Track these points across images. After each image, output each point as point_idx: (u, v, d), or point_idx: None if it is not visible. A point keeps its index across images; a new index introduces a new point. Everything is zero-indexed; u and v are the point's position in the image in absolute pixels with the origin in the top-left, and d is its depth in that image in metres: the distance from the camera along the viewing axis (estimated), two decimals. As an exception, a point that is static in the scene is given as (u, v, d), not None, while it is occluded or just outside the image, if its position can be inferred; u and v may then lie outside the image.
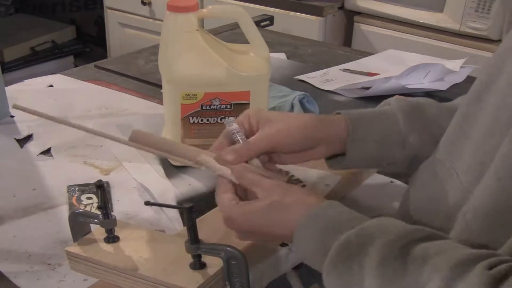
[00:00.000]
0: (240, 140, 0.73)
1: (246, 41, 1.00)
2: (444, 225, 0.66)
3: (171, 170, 1.00)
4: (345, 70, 1.45)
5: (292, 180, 0.93)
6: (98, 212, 0.71)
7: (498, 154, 0.61)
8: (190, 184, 0.96)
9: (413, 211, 0.73)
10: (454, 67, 1.35)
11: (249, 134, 0.75)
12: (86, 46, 3.22)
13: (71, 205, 0.90)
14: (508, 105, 0.63)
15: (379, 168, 0.91)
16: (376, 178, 0.97)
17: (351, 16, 2.24)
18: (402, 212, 0.76)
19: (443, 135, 0.74)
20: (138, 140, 0.74)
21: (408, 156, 0.79)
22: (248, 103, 0.98)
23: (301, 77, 1.41)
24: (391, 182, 0.97)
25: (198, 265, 0.67)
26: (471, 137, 0.67)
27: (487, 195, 0.60)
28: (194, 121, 0.98)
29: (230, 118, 0.76)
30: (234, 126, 0.74)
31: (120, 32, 2.80)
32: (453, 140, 0.71)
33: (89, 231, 0.73)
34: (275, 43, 1.64)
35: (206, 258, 0.67)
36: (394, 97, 0.83)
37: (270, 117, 0.75)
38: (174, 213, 0.88)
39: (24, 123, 1.15)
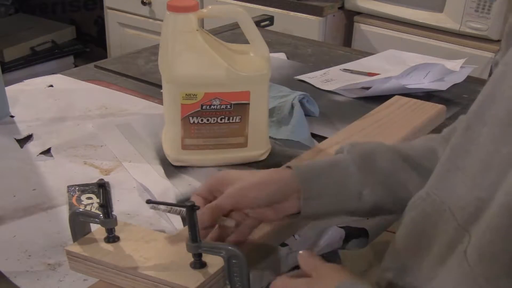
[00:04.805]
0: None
1: (246, 41, 1.00)
2: (434, 264, 0.64)
3: (171, 170, 1.00)
4: (345, 70, 1.45)
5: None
6: (99, 212, 0.71)
7: (505, 190, 0.56)
8: (190, 184, 0.96)
9: (402, 250, 0.70)
10: (454, 67, 1.35)
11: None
12: (86, 46, 3.22)
13: (71, 205, 0.90)
14: (509, 137, 0.59)
15: (337, 217, 0.87)
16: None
17: (351, 16, 2.24)
18: (390, 251, 0.72)
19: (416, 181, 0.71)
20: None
21: (365, 207, 0.77)
22: (248, 103, 0.98)
23: (301, 77, 1.41)
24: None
25: (199, 264, 0.67)
26: (464, 170, 0.63)
27: (495, 235, 0.56)
28: (194, 121, 0.98)
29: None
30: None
31: (120, 32, 2.79)
32: (444, 174, 0.66)
33: (89, 231, 0.73)
34: (275, 43, 1.64)
35: (206, 258, 0.67)
36: (348, 143, 0.81)
37: (232, 179, 0.75)
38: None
39: (24, 123, 1.15)
